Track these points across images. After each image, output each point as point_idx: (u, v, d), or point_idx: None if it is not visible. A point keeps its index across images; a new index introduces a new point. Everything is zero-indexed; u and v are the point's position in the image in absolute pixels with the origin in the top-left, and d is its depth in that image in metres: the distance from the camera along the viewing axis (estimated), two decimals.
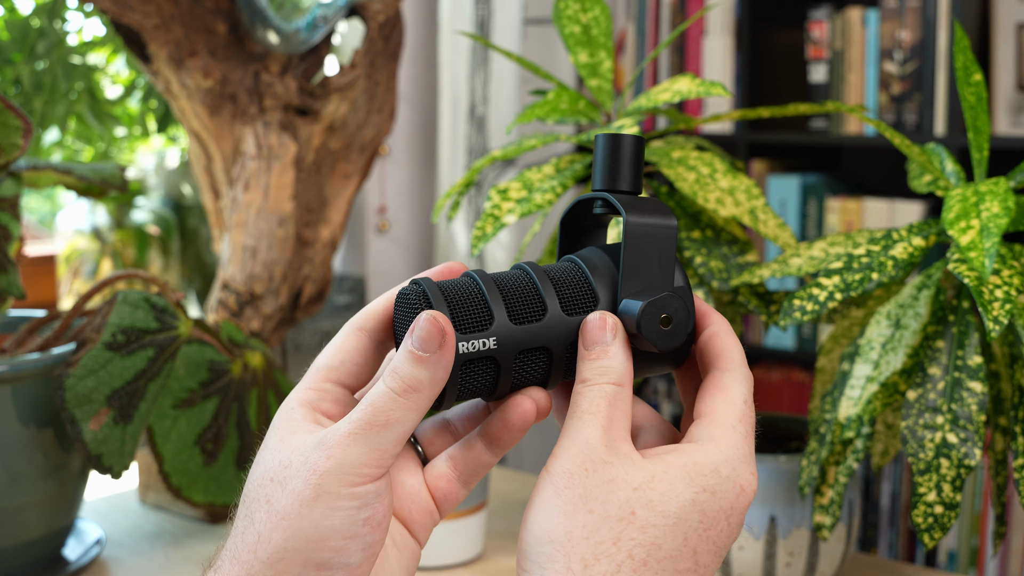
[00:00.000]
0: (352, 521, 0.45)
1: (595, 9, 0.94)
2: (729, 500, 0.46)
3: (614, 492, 0.44)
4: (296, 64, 1.17)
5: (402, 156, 2.17)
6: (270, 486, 0.45)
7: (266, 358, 1.06)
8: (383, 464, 0.45)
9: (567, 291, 0.49)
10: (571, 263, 0.51)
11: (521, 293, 0.48)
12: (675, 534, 0.44)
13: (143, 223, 1.76)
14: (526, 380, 0.49)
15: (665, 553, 0.44)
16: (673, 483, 0.45)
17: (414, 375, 0.45)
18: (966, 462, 0.72)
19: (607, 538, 0.44)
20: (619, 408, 0.47)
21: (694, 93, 0.86)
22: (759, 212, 0.87)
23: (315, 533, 0.44)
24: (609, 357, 0.48)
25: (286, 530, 0.44)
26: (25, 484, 0.88)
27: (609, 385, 0.47)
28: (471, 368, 0.47)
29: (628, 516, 0.44)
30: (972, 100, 0.79)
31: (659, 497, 0.45)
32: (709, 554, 0.45)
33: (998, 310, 0.68)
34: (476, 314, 0.47)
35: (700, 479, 0.45)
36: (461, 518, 0.95)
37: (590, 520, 0.44)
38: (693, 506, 0.45)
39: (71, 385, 0.86)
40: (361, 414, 0.45)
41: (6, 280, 0.90)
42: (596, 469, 0.45)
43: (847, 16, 2.01)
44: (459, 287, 0.48)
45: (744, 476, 0.46)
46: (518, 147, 0.91)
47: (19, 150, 0.90)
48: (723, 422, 0.47)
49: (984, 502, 1.87)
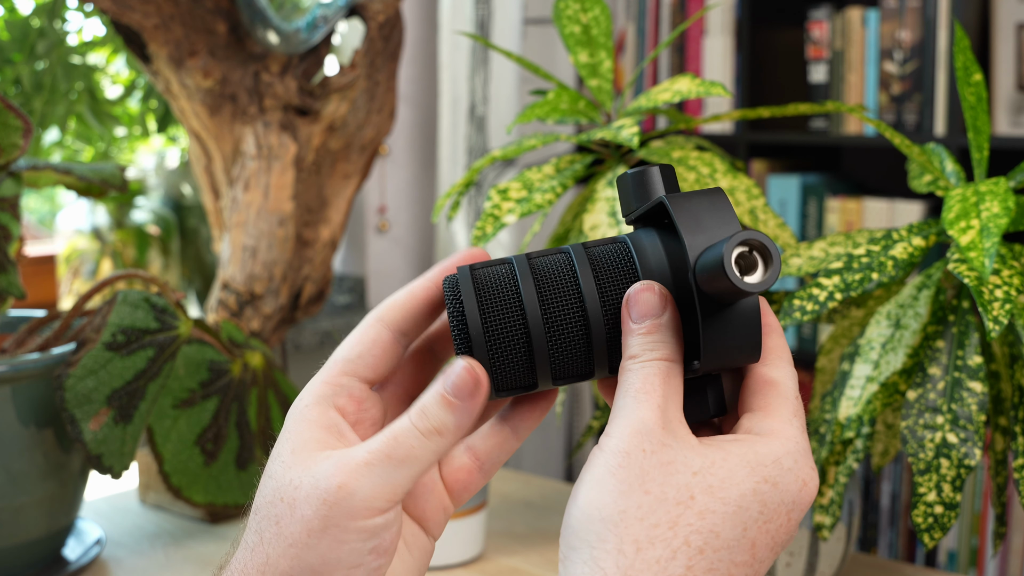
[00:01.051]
0: (359, 552, 0.44)
1: (595, 9, 0.94)
2: (792, 493, 0.44)
3: (672, 475, 0.42)
4: (296, 64, 1.17)
5: (402, 156, 2.17)
6: (280, 506, 0.44)
7: (266, 358, 1.06)
8: (394, 499, 0.44)
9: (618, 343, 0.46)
10: (619, 242, 0.47)
11: (570, 355, 0.46)
12: (734, 523, 0.42)
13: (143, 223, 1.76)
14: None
15: (723, 542, 0.42)
16: (734, 470, 0.43)
17: (441, 419, 0.44)
18: (966, 462, 0.72)
19: (663, 521, 0.42)
20: (672, 385, 0.45)
21: (694, 93, 0.86)
22: (759, 212, 0.87)
23: (321, 564, 0.43)
24: (661, 331, 0.45)
25: (292, 558, 0.44)
26: (25, 484, 0.88)
27: (661, 361, 0.45)
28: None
29: (687, 500, 0.42)
30: (972, 100, 0.79)
31: (719, 483, 0.42)
32: (767, 549, 0.43)
33: (998, 310, 0.68)
34: (518, 379, 0.46)
35: (762, 469, 0.43)
36: (461, 518, 0.95)
37: (646, 501, 0.42)
38: (754, 495, 0.43)
39: (71, 385, 0.86)
40: (381, 445, 0.44)
41: (6, 280, 0.90)
42: (654, 450, 0.43)
43: (847, 16, 2.01)
44: (505, 333, 0.45)
45: (806, 470, 0.44)
46: (518, 147, 0.91)
47: (19, 150, 0.90)
48: (780, 416, 0.45)
49: (984, 502, 1.87)
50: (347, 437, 0.47)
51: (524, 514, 1.08)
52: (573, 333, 0.46)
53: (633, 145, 0.80)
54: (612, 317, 0.46)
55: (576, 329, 0.46)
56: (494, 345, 0.46)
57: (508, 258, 0.47)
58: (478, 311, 0.45)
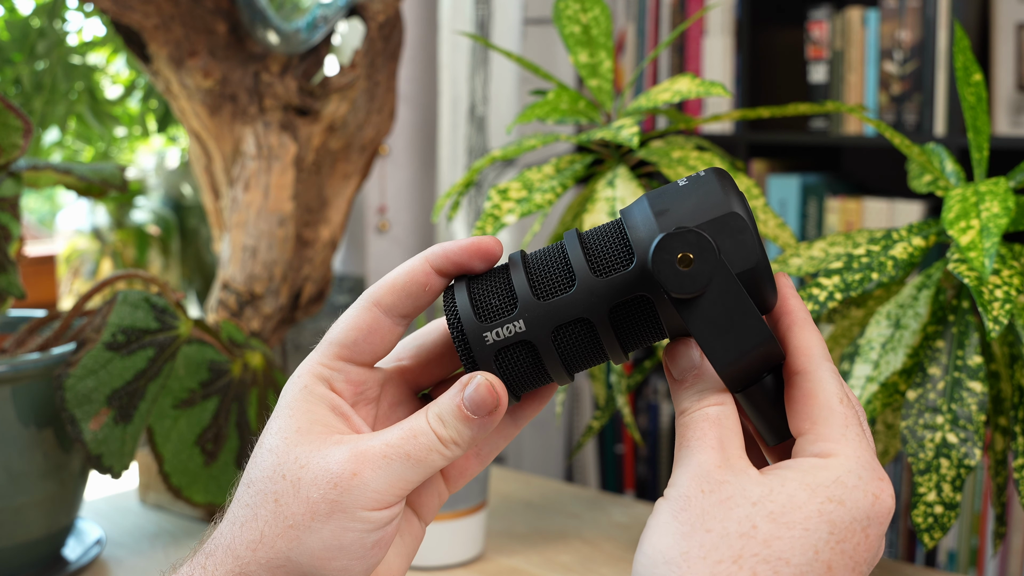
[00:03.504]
0: (361, 543, 0.44)
1: (595, 9, 0.94)
2: (863, 510, 0.42)
3: (732, 510, 0.41)
4: (296, 64, 1.17)
5: (402, 156, 2.17)
6: (282, 483, 0.44)
7: (266, 358, 1.06)
8: (403, 495, 0.44)
9: (598, 251, 0.45)
10: (615, 222, 0.46)
11: (547, 266, 0.45)
12: (803, 547, 0.40)
13: (143, 223, 1.76)
14: (580, 357, 0.46)
15: (794, 569, 0.40)
16: (794, 494, 0.41)
17: (459, 431, 0.45)
18: (966, 462, 0.72)
19: (726, 557, 0.40)
20: (727, 427, 0.44)
21: (694, 93, 0.86)
22: (759, 212, 0.87)
23: (323, 551, 0.43)
24: (703, 379, 0.45)
25: (292, 540, 0.43)
26: (25, 484, 0.88)
27: (710, 407, 0.44)
28: (507, 356, 0.45)
29: (750, 531, 0.41)
30: (972, 100, 0.79)
31: (780, 508, 0.41)
32: (847, 570, 0.41)
33: (998, 310, 0.68)
34: (499, 299, 0.45)
35: (823, 490, 0.41)
36: (461, 518, 0.95)
37: (708, 540, 0.41)
38: (820, 516, 0.41)
39: (71, 385, 0.86)
40: (400, 442, 0.44)
41: (6, 280, 0.90)
42: (712, 489, 0.42)
43: (847, 16, 2.01)
44: (487, 276, 0.46)
45: (874, 483, 0.42)
46: (518, 147, 0.91)
47: (19, 150, 0.90)
48: (829, 435, 0.43)
49: (984, 502, 1.87)
50: (353, 421, 0.47)
51: (524, 514, 1.08)
52: (548, 251, 0.46)
53: (633, 145, 0.80)
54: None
55: (550, 249, 0.46)
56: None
57: (504, 263, 0.47)
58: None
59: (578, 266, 0.44)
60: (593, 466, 2.35)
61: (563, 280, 0.45)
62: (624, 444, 2.30)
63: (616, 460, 2.32)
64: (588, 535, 1.03)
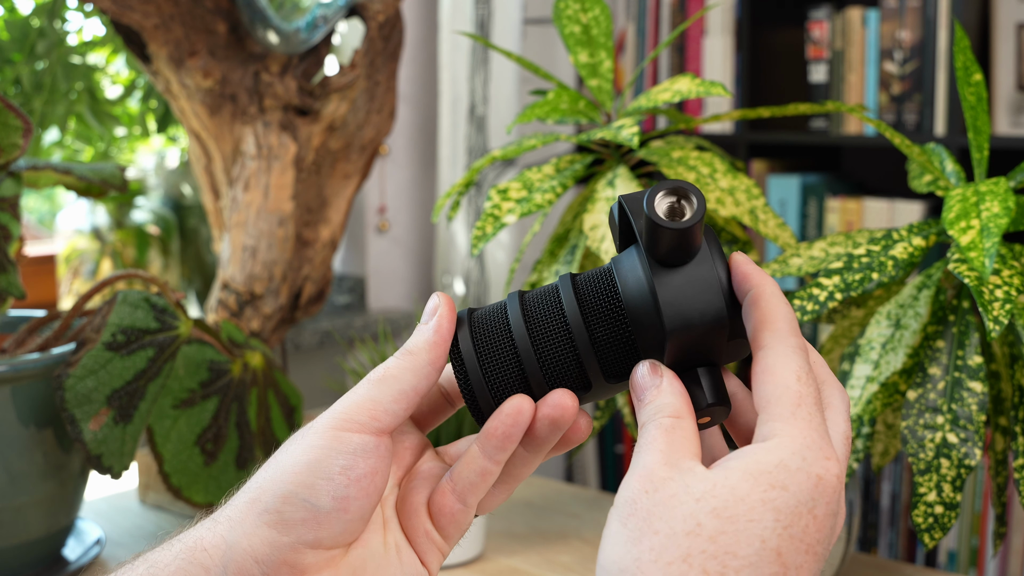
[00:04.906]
0: (329, 462, 0.46)
1: (595, 9, 0.94)
2: (807, 492, 0.41)
3: (677, 508, 0.42)
4: (296, 64, 1.17)
5: (402, 156, 2.17)
6: (282, 446, 0.49)
7: (266, 358, 1.06)
8: (377, 416, 0.47)
9: (609, 356, 0.48)
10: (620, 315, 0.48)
11: (561, 367, 0.48)
12: (749, 538, 0.41)
13: (143, 223, 1.76)
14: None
15: (743, 561, 0.40)
16: (736, 487, 0.42)
17: (412, 339, 0.48)
18: (966, 462, 0.72)
19: (676, 557, 0.41)
20: (678, 435, 0.44)
21: (694, 93, 0.86)
22: (759, 212, 0.87)
23: (292, 465, 0.46)
24: (660, 395, 0.46)
25: (272, 466, 0.47)
26: (25, 484, 0.88)
27: (665, 418, 0.45)
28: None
29: (695, 529, 0.41)
30: (972, 100, 0.79)
31: (723, 503, 0.41)
32: (799, 553, 0.41)
33: (998, 310, 0.68)
34: (509, 380, 0.48)
35: (765, 477, 0.42)
36: None
37: (657, 542, 0.41)
38: (764, 505, 0.41)
39: (71, 385, 0.86)
40: (373, 374, 0.48)
41: (6, 280, 0.90)
42: (656, 488, 0.42)
43: (847, 16, 2.01)
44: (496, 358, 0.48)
45: (818, 463, 0.42)
46: (518, 147, 0.91)
47: (19, 150, 0.90)
48: (779, 414, 0.43)
49: (984, 502, 1.87)
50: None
51: (524, 514, 1.08)
52: (564, 358, 0.48)
53: (633, 145, 0.80)
54: (596, 333, 0.48)
55: (566, 353, 0.48)
56: (493, 385, 0.49)
57: (502, 301, 0.50)
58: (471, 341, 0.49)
59: (593, 378, 0.48)
60: (593, 466, 2.35)
61: (578, 383, 0.49)
62: (624, 444, 2.30)
63: (616, 460, 2.32)
64: (588, 535, 1.03)
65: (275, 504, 0.46)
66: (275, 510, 0.46)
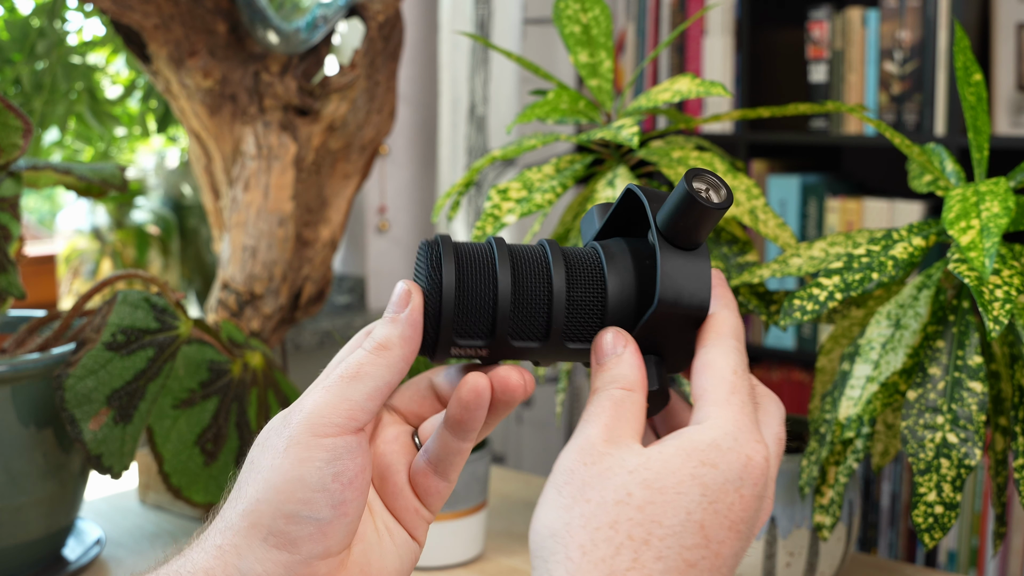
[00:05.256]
0: (321, 474, 0.46)
1: (595, 9, 0.94)
2: (736, 471, 0.44)
3: (610, 479, 0.44)
4: (296, 64, 1.17)
5: (402, 156, 2.17)
6: (256, 450, 0.48)
7: (266, 358, 1.06)
8: (354, 416, 0.46)
9: (578, 319, 0.48)
10: (596, 281, 0.49)
11: (532, 308, 0.48)
12: (675, 509, 0.43)
13: (143, 223, 1.76)
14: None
15: (667, 530, 0.43)
16: (668, 460, 0.44)
17: (384, 333, 0.47)
18: (966, 462, 0.72)
19: (604, 523, 0.43)
20: (625, 410, 0.46)
21: (694, 93, 0.86)
22: (759, 212, 0.87)
23: (284, 483, 0.46)
24: (619, 365, 0.47)
25: (260, 483, 0.46)
26: (25, 484, 0.88)
27: (617, 390, 0.46)
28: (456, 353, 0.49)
29: (625, 498, 0.43)
30: (972, 100, 0.79)
31: (655, 476, 0.43)
32: (722, 529, 0.43)
33: (998, 310, 0.68)
34: (478, 323, 0.47)
35: (697, 454, 0.44)
36: (461, 518, 0.95)
37: (587, 509, 0.43)
38: (693, 480, 0.43)
39: (71, 385, 0.86)
40: (337, 371, 0.47)
41: (6, 280, 0.90)
42: (594, 461, 0.44)
43: (847, 16, 2.01)
44: (474, 284, 0.47)
45: (748, 445, 0.44)
46: (518, 147, 0.91)
47: (19, 150, 0.90)
48: (714, 400, 0.46)
49: (984, 502, 1.87)
50: None
51: (524, 514, 1.08)
52: (537, 306, 0.48)
53: (633, 145, 0.80)
54: (573, 292, 0.49)
55: (540, 289, 0.48)
56: (463, 289, 0.48)
57: (492, 266, 0.49)
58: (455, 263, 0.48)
59: (556, 325, 0.48)
60: None
61: (539, 333, 0.48)
62: None
63: None
64: None
65: (278, 525, 0.46)
66: (280, 531, 0.46)
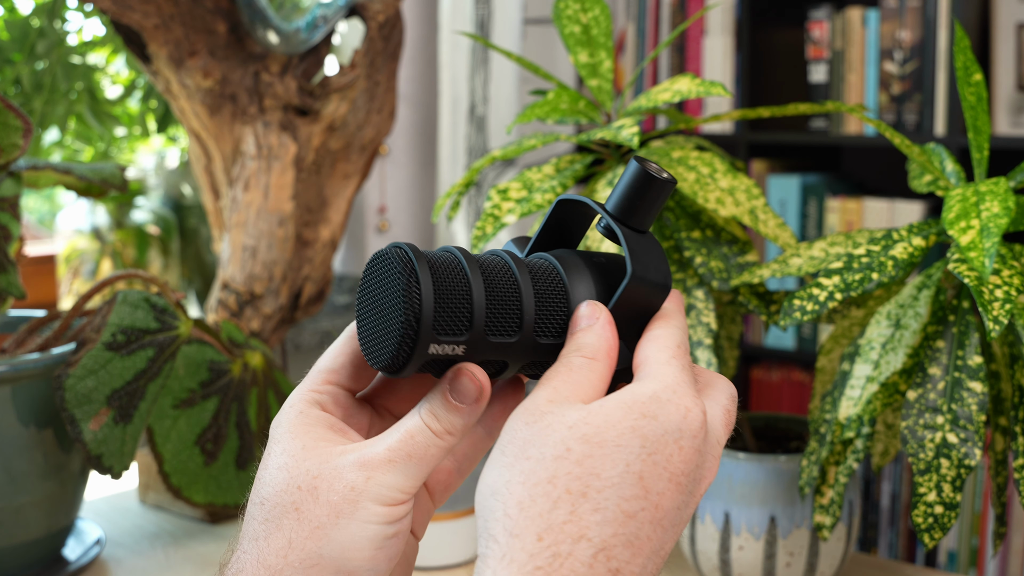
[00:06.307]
0: (383, 536, 0.46)
1: (595, 9, 0.94)
2: (675, 423, 0.44)
3: (550, 435, 0.44)
4: (296, 64, 1.17)
5: (402, 156, 2.17)
6: (298, 494, 0.46)
7: (266, 358, 1.06)
8: (413, 490, 0.47)
9: (546, 313, 0.49)
10: (556, 277, 0.50)
11: (504, 303, 0.48)
12: (614, 461, 0.43)
13: (143, 223, 1.76)
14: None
15: (605, 482, 0.43)
16: (609, 414, 0.44)
17: (451, 421, 0.47)
18: (966, 462, 0.72)
19: (543, 478, 0.43)
20: (579, 375, 0.46)
21: (694, 93, 0.86)
22: (759, 212, 0.87)
23: (351, 544, 0.46)
24: (586, 334, 0.48)
25: (320, 539, 0.46)
26: (25, 484, 0.88)
27: (577, 357, 0.47)
28: (430, 364, 0.48)
29: (564, 453, 0.43)
30: (972, 100, 0.79)
31: (594, 430, 0.43)
32: (661, 480, 0.44)
33: (998, 310, 0.68)
34: (457, 319, 0.47)
35: (638, 406, 0.44)
36: (461, 518, 0.95)
37: (527, 466, 0.43)
38: (633, 432, 0.44)
39: (71, 385, 0.86)
40: (400, 444, 0.47)
41: (6, 280, 0.90)
42: (535, 420, 0.44)
43: (847, 16, 2.01)
44: (451, 277, 0.48)
45: (687, 398, 0.45)
46: (518, 147, 0.91)
47: (19, 150, 0.90)
48: (656, 360, 0.47)
49: (984, 502, 1.87)
50: (350, 435, 0.49)
51: None
52: (506, 284, 0.49)
53: (633, 145, 0.80)
54: (538, 286, 0.49)
55: (508, 283, 0.49)
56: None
57: (463, 267, 0.50)
58: (427, 262, 0.48)
59: (527, 319, 0.48)
60: None
61: (512, 326, 0.48)
62: None
63: None
64: None
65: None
66: None
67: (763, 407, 2.18)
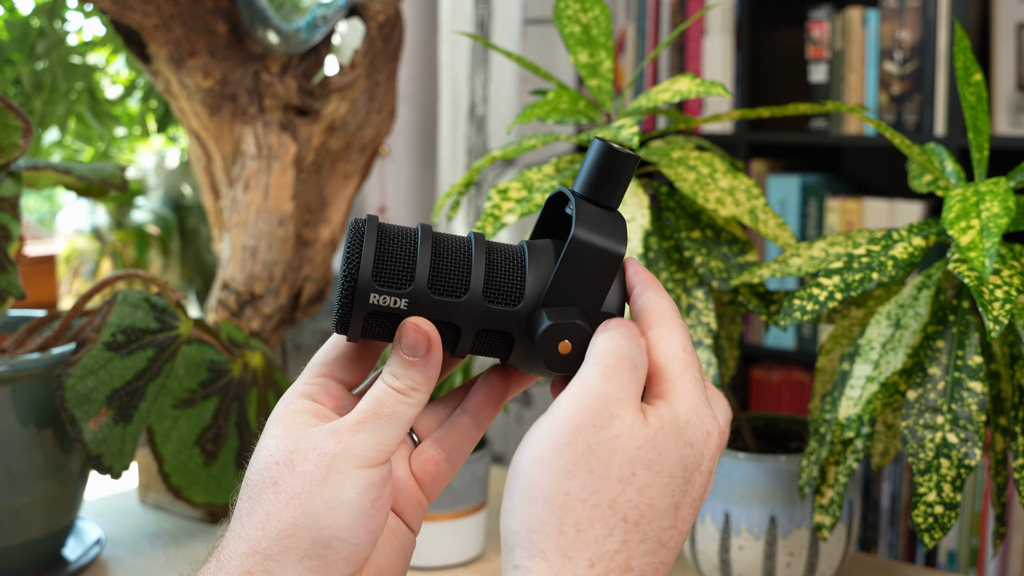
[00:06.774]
0: (360, 501, 0.46)
1: (595, 9, 0.94)
2: (699, 448, 0.45)
3: (618, 451, 0.43)
4: (296, 64, 1.17)
5: (402, 156, 2.17)
6: (276, 469, 0.47)
7: (266, 358, 1.06)
8: (387, 449, 0.47)
9: (497, 278, 0.49)
10: (519, 250, 0.51)
11: (451, 265, 0.49)
12: (664, 494, 0.43)
13: (143, 223, 1.76)
14: None
15: (656, 512, 0.43)
16: (668, 439, 0.44)
17: (412, 377, 0.48)
18: (966, 462, 0.72)
19: (604, 501, 0.43)
20: (640, 376, 0.46)
21: (694, 93, 0.86)
22: (759, 212, 0.87)
23: (326, 511, 0.46)
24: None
25: (296, 508, 0.46)
26: (25, 484, 0.88)
27: (641, 354, 0.46)
28: (376, 319, 0.48)
29: (628, 478, 0.43)
30: (972, 100, 0.79)
31: (657, 456, 0.43)
32: (686, 507, 0.44)
33: (998, 310, 0.68)
34: (397, 271, 0.48)
35: (683, 433, 0.44)
36: (461, 518, 0.95)
37: (590, 482, 0.43)
38: (681, 462, 0.44)
39: (71, 385, 0.86)
40: (367, 406, 0.48)
41: (6, 280, 0.90)
42: (605, 424, 0.44)
43: (847, 16, 2.01)
44: (398, 238, 0.49)
45: (707, 420, 0.45)
46: (518, 147, 0.91)
47: (19, 150, 0.90)
48: (672, 377, 0.46)
49: (984, 502, 1.87)
50: (334, 419, 0.50)
51: None
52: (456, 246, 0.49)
53: (633, 145, 0.80)
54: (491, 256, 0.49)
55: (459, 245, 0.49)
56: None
57: (414, 230, 0.50)
58: (377, 229, 0.48)
59: (475, 282, 0.48)
60: None
61: (458, 286, 0.48)
62: None
63: None
64: None
65: (316, 550, 0.46)
66: (317, 555, 0.46)
67: (763, 407, 2.18)
